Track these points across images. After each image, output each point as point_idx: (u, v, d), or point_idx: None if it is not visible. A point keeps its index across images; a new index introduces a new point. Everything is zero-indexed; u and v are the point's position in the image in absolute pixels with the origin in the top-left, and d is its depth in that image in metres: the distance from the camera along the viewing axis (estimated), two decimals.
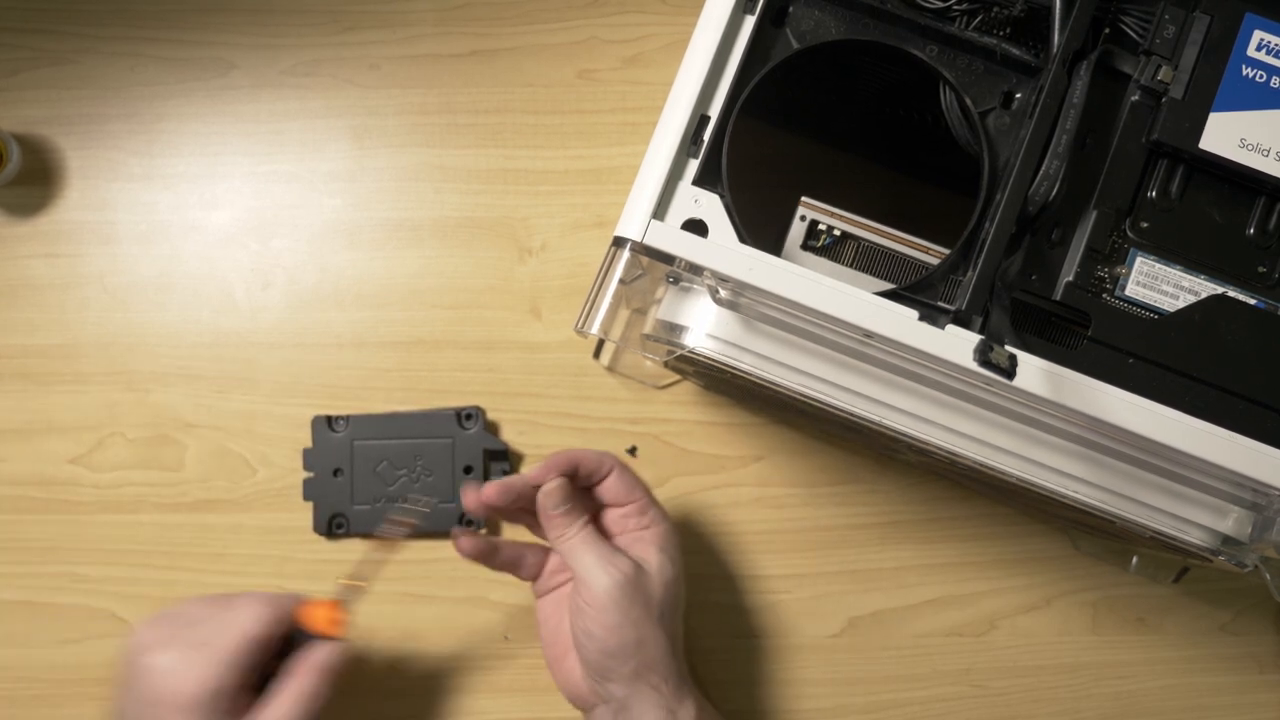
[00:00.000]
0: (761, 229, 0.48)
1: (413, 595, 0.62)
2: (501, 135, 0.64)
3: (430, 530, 0.61)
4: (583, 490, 0.55)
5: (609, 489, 0.54)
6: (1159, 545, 0.51)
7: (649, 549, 0.53)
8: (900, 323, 0.44)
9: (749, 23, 0.47)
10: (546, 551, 0.56)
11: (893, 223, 0.51)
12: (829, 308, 0.44)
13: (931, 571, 0.63)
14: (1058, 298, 0.47)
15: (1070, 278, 0.47)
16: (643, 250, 0.46)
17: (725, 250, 0.45)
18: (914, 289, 0.47)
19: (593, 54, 0.64)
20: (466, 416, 0.61)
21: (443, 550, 0.62)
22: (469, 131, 0.64)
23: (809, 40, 0.48)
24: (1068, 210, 0.47)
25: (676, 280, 0.49)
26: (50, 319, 0.63)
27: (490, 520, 0.62)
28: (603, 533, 0.55)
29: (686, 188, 0.47)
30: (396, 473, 0.61)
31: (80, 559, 0.62)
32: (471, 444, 0.61)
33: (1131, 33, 0.47)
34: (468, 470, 0.61)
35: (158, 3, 0.64)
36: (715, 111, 0.47)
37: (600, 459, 0.54)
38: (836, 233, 0.50)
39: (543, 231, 0.64)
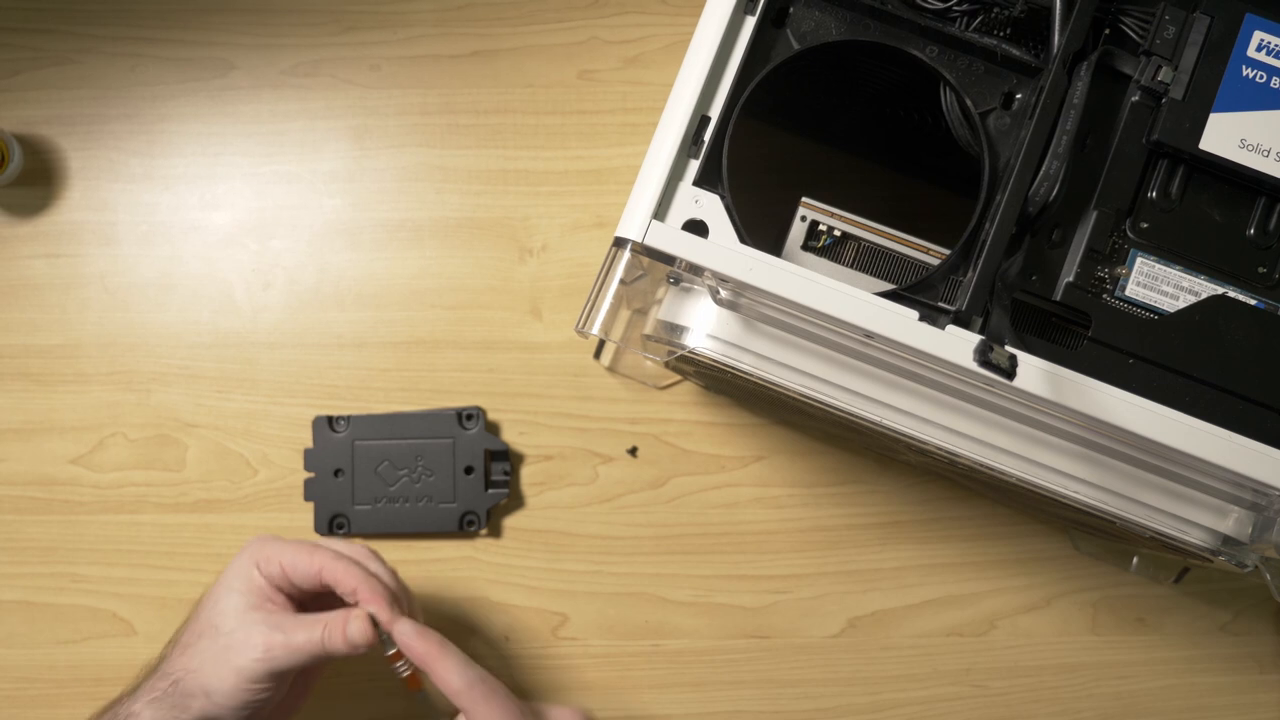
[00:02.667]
0: (762, 229, 0.48)
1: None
2: (502, 136, 0.64)
3: (431, 531, 0.61)
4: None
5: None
6: (1159, 545, 0.51)
7: None
8: (900, 323, 0.44)
9: (749, 23, 0.47)
10: None
11: (893, 223, 0.51)
12: (829, 308, 0.44)
13: (931, 571, 0.63)
14: (1058, 298, 0.47)
15: (1070, 278, 0.47)
16: (643, 251, 0.46)
17: (725, 251, 0.45)
18: (914, 289, 0.47)
19: (593, 54, 0.64)
20: (468, 417, 0.61)
21: (443, 550, 0.62)
22: (469, 132, 0.64)
23: (809, 41, 0.48)
24: (1068, 211, 0.47)
25: (677, 281, 0.49)
26: (51, 319, 0.63)
27: (491, 521, 0.62)
28: None
29: (687, 188, 0.47)
30: (398, 473, 0.61)
31: (80, 559, 0.62)
32: (473, 444, 0.61)
33: (1131, 33, 0.47)
34: (469, 470, 0.61)
35: (158, 3, 0.64)
36: (716, 112, 0.47)
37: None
38: (837, 233, 0.50)
39: (543, 232, 0.64)
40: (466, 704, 0.48)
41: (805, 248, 0.51)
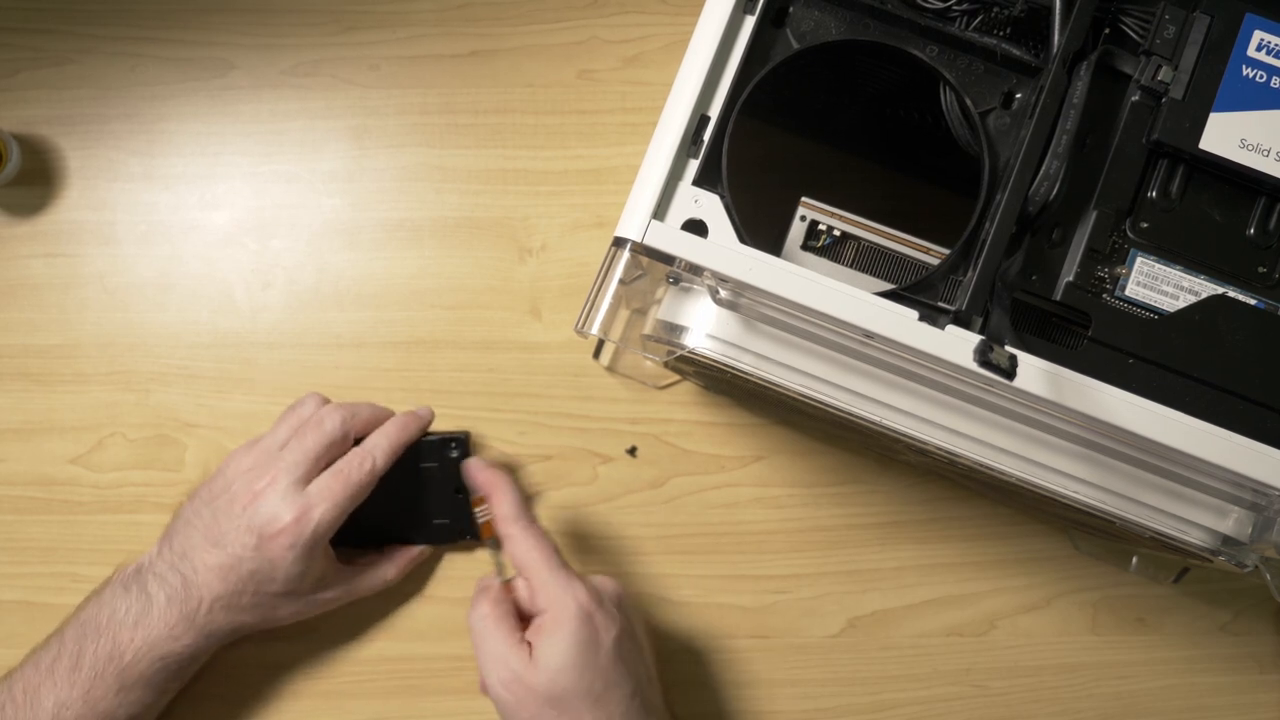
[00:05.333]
0: (761, 229, 0.48)
1: (413, 595, 0.62)
2: (501, 135, 0.64)
3: (425, 543, 0.61)
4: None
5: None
6: (1159, 545, 0.51)
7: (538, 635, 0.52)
8: (900, 323, 0.44)
9: (749, 23, 0.47)
10: None
11: (893, 223, 0.51)
12: (829, 308, 0.44)
13: (931, 571, 0.63)
14: (1058, 298, 0.47)
15: (1070, 278, 0.47)
16: (643, 250, 0.46)
17: (725, 250, 0.45)
18: (914, 289, 0.47)
19: (593, 54, 0.64)
20: (451, 444, 0.60)
21: (442, 551, 0.62)
22: (469, 132, 0.64)
23: (809, 40, 0.48)
24: (1068, 210, 0.47)
25: (676, 280, 0.49)
26: (50, 319, 0.63)
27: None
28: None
29: (686, 188, 0.47)
30: (391, 491, 0.60)
31: (80, 559, 0.62)
32: (459, 469, 0.60)
33: (1131, 33, 0.47)
34: (458, 491, 0.60)
35: (158, 3, 0.64)
36: (715, 112, 0.47)
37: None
38: (836, 233, 0.50)
39: (543, 232, 0.64)
40: (508, 531, 0.53)
41: (805, 248, 0.51)
